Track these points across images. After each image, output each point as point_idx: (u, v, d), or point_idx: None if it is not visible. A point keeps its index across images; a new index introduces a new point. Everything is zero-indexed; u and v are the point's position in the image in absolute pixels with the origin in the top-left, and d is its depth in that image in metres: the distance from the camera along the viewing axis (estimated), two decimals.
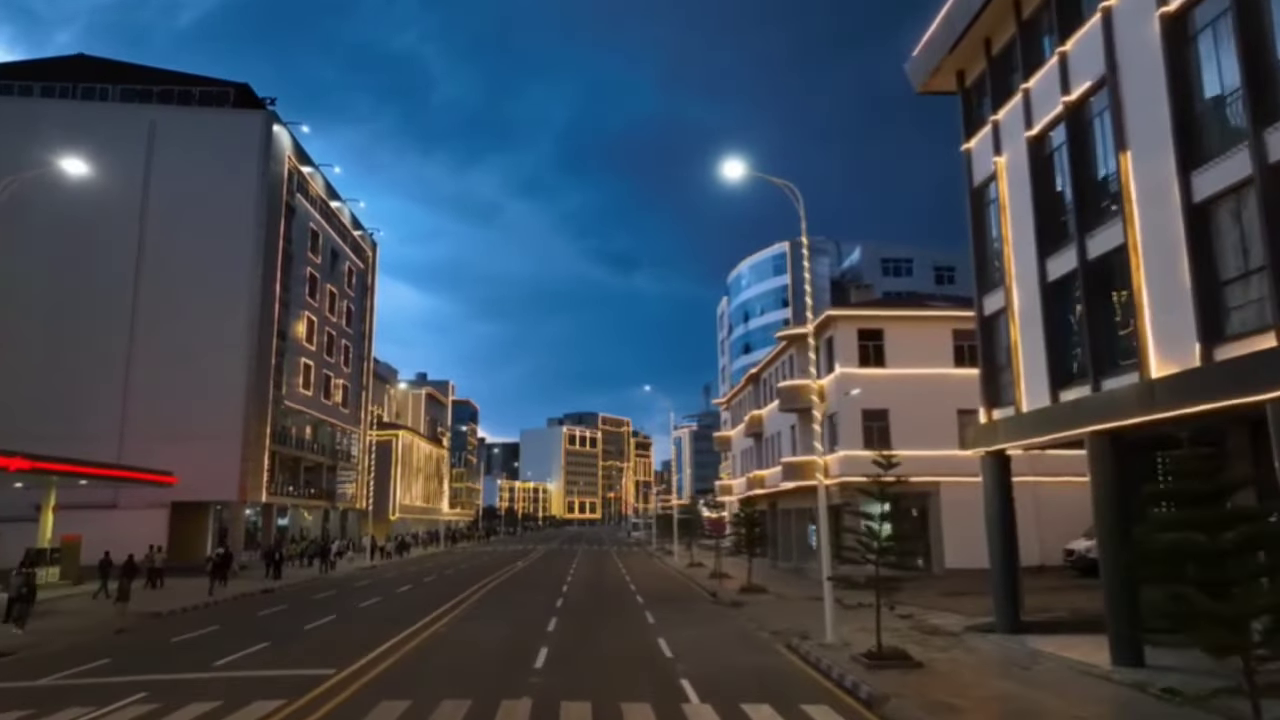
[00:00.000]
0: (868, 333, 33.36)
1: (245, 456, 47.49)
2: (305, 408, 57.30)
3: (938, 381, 32.90)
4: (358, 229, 71.48)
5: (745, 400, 51.12)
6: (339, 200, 65.64)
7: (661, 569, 47.97)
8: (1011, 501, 20.59)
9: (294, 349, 54.88)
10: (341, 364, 65.06)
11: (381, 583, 38.44)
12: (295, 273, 55.08)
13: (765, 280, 76.44)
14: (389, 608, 27.77)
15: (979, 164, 21.56)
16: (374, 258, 75.58)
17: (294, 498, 56.08)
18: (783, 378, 40.58)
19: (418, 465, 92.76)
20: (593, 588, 35.22)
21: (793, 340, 38.00)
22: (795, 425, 37.89)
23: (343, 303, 65.44)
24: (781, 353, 39.97)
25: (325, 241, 61.41)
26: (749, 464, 49.97)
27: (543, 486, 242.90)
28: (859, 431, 32.50)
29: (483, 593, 32.57)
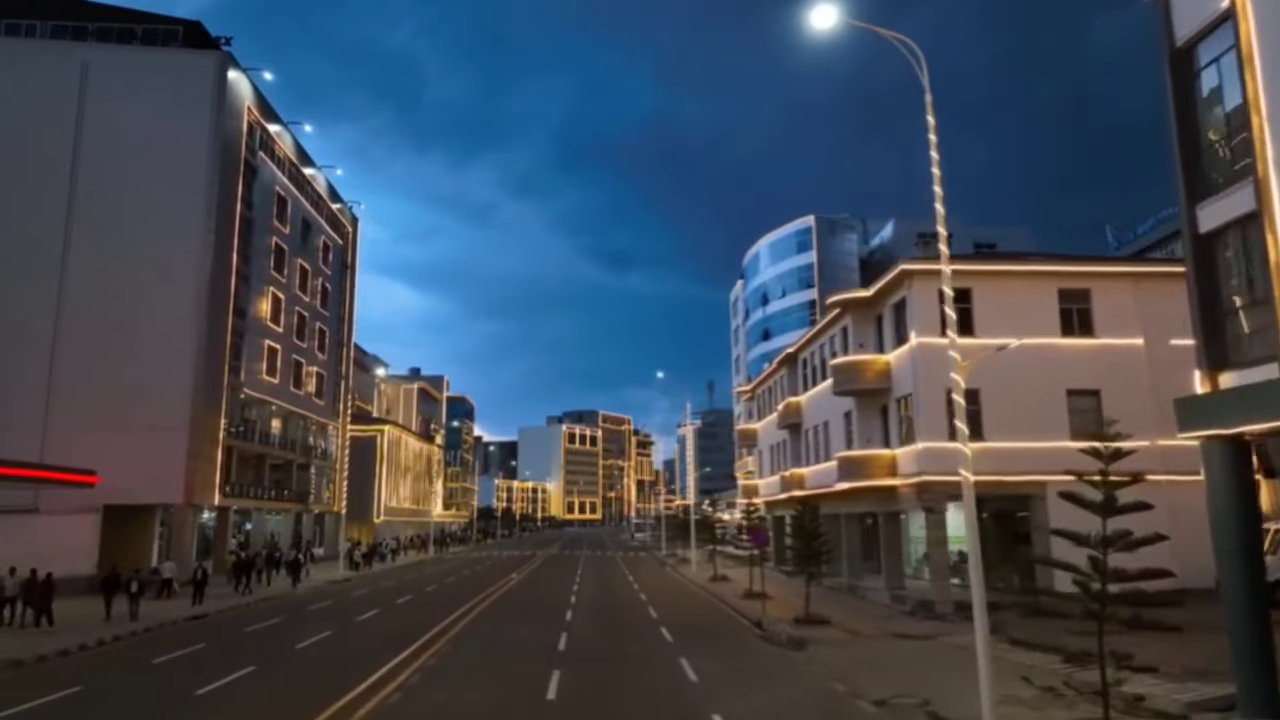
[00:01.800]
0: (953, 293, 26.38)
1: (193, 452, 40.52)
2: (270, 397, 50.32)
3: (1042, 355, 25.97)
4: (336, 202, 64.51)
5: (776, 387, 44.16)
6: (313, 167, 58.67)
7: (679, 584, 41.02)
8: (1257, 512, 13.68)
9: (256, 329, 47.89)
10: (315, 349, 58.06)
11: (344, 605, 31.48)
12: (257, 242, 48.10)
13: (786, 259, 69.44)
14: (337, 650, 20.83)
15: (1186, 9, 14.57)
16: (354, 234, 68.58)
17: (257, 500, 49.09)
18: (831, 355, 33.64)
19: (406, 463, 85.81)
20: (603, 615, 28.28)
21: (849, 307, 31.03)
22: (852, 412, 30.94)
23: (316, 281, 58.44)
24: (832, 324, 32.99)
25: (295, 210, 54.41)
26: (781, 460, 43.03)
27: (542, 486, 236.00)
28: (942, 417, 25.57)
29: (466, 621, 25.64)
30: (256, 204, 48.06)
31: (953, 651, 19.46)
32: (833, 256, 66.59)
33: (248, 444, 47.63)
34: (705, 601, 32.23)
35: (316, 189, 59.20)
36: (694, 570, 46.83)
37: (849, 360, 29.28)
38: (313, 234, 57.93)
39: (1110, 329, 26.05)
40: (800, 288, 67.33)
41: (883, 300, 29.13)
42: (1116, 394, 26.00)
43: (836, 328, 32.71)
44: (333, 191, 63.57)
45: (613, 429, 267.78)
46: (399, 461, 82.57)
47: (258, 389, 48.34)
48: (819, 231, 66.58)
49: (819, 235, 66.43)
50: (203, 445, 41.36)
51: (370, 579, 44.99)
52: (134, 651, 21.11)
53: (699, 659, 19.08)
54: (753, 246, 75.52)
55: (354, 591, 37.24)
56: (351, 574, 46.65)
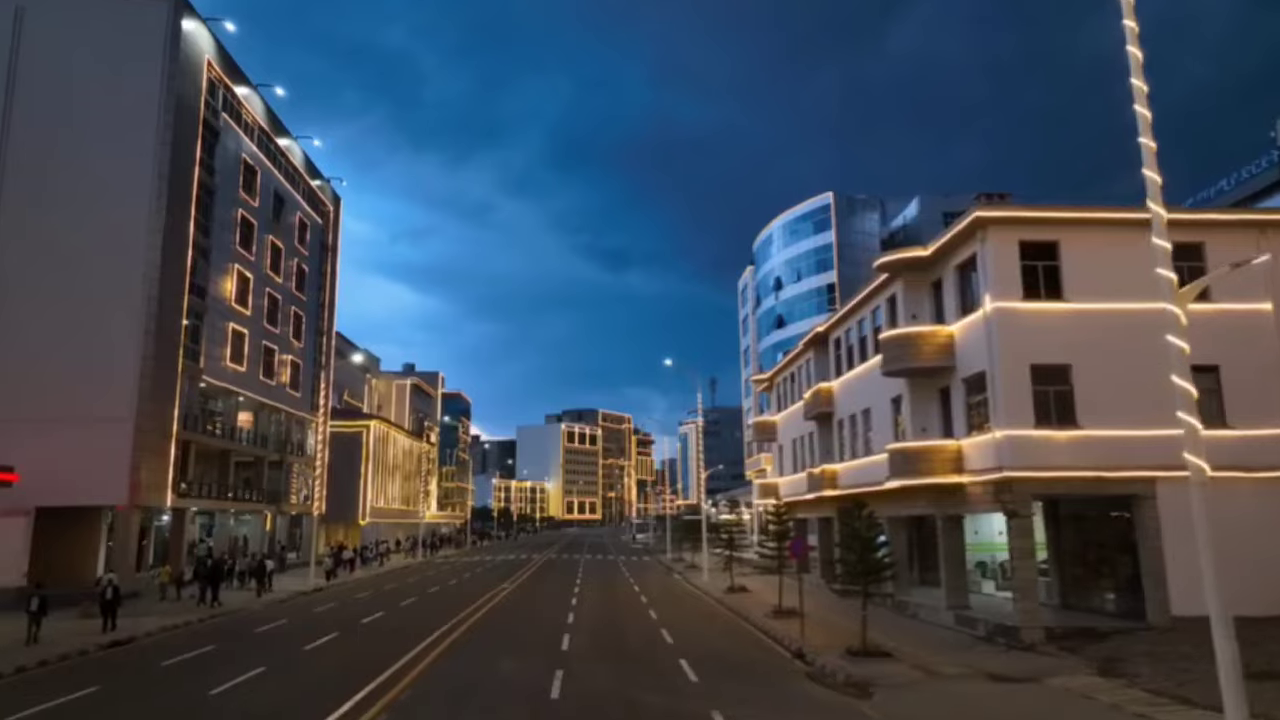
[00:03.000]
0: (1035, 247, 21.52)
1: (140, 446, 35.63)
2: (237, 387, 45.42)
3: (1146, 323, 21.11)
4: (315, 178, 59.60)
5: (800, 373, 39.25)
6: (287, 137, 53.75)
7: (693, 597, 36.16)
8: None
9: (218, 310, 42.99)
10: (290, 336, 53.15)
11: (300, 625, 26.57)
12: (220, 214, 43.19)
13: (802, 240, 64.42)
14: (264, 699, 15.96)
15: None
16: (336, 214, 63.64)
17: (220, 500, 44.18)
18: (873, 331, 28.75)
19: (395, 462, 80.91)
20: (607, 641, 23.39)
21: (899, 270, 26.11)
22: (903, 397, 26.03)
23: (291, 261, 53.52)
24: (877, 292, 28.05)
25: (266, 182, 49.50)
26: (805, 455, 38.16)
27: (540, 486, 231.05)
28: (1027, 400, 20.69)
29: (442, 649, 20.76)
30: (220, 171, 43.16)
31: (1083, 705, 14.55)
32: (852, 237, 61.68)
33: (209, 438, 42.74)
34: (727, 621, 27.34)
35: (291, 161, 54.28)
36: (706, 579, 41.97)
37: (903, 333, 24.35)
38: (287, 210, 53.02)
39: (1230, 292, 21.16)
40: (817, 271, 62.30)
41: (944, 260, 24.23)
42: (1240, 370, 21.18)
43: (882, 297, 27.79)
44: (311, 166, 58.67)
45: (613, 428, 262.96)
46: (387, 460, 77.69)
47: (221, 377, 43.43)
48: (837, 210, 61.60)
49: (837, 214, 61.45)
50: (152, 439, 36.46)
51: (343, 590, 40.09)
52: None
53: (737, 710, 14.27)
54: (764, 229, 70.46)
55: (318, 606, 32.33)
56: (323, 584, 41.68)
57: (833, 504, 34.46)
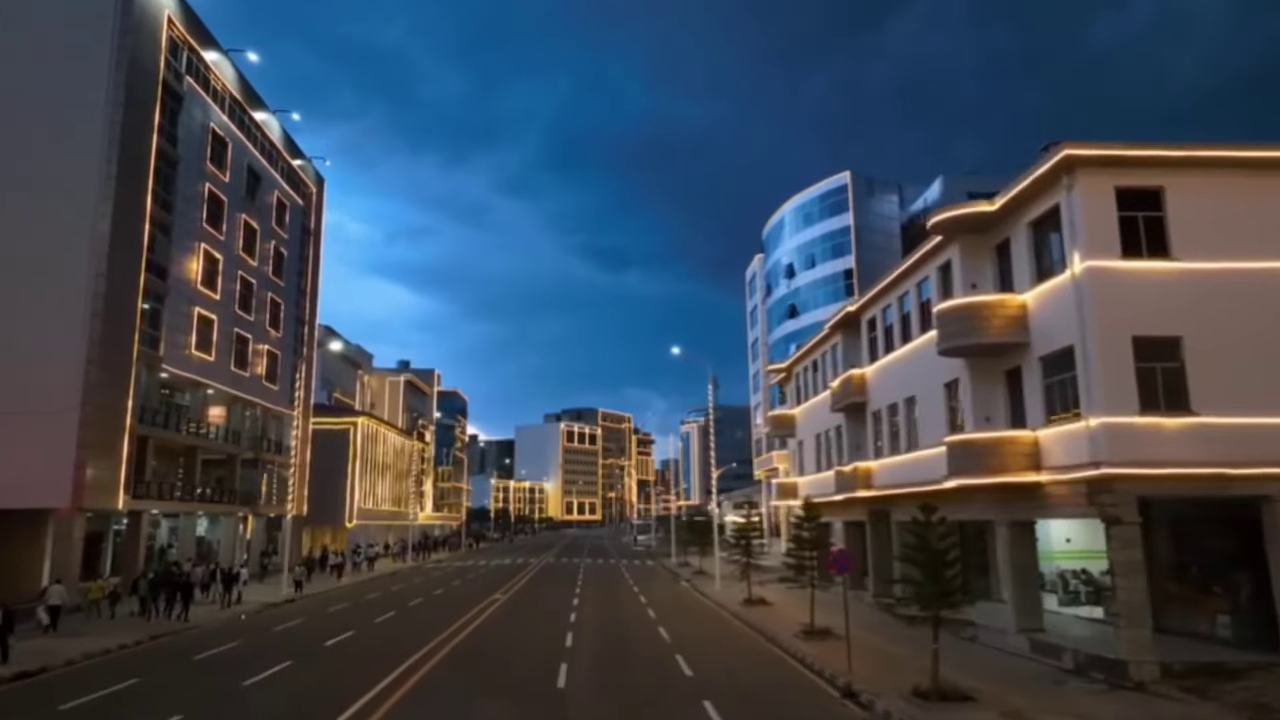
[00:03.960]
0: (1135, 195, 17.66)
1: (86, 441, 31.76)
2: (204, 378, 41.51)
3: (1274, 287, 17.25)
4: (296, 157, 55.67)
5: (825, 360, 35.35)
6: (264, 110, 49.82)
7: (708, 612, 32.25)
8: None
9: (182, 293, 39.08)
10: (266, 324, 49.21)
11: (253, 649, 22.63)
12: (185, 189, 39.29)
13: (816, 224, 60.38)
14: None
15: None
16: (319, 197, 59.72)
17: (185, 502, 40.25)
18: (919, 304, 24.88)
19: (385, 461, 76.97)
20: (614, 675, 19.51)
21: (955, 230, 22.19)
22: (961, 380, 22.11)
23: (268, 243, 49.58)
24: (927, 259, 24.09)
25: (239, 156, 45.58)
26: (832, 452, 34.29)
27: (539, 486, 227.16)
28: (1129, 380, 16.83)
29: (413, 683, 16.89)
30: (184, 141, 39.24)
31: None
32: (870, 220, 57.74)
33: (172, 434, 38.81)
34: (752, 645, 23.42)
35: (268, 136, 50.34)
36: (719, 588, 38.08)
37: (966, 304, 20.43)
38: (264, 188, 49.08)
39: None
40: (833, 256, 58.28)
41: (1013, 216, 20.33)
42: None
43: (932, 265, 23.87)
44: (291, 144, 54.74)
45: (613, 427, 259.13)
46: (376, 459, 73.76)
47: (185, 366, 39.51)
48: (855, 191, 57.59)
49: (855, 195, 57.46)
50: (102, 433, 32.56)
51: (317, 601, 36.18)
52: None
53: None
54: (774, 213, 66.41)
55: (282, 623, 28.38)
56: (295, 594, 37.71)
57: (864, 506, 30.62)
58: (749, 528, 33.65)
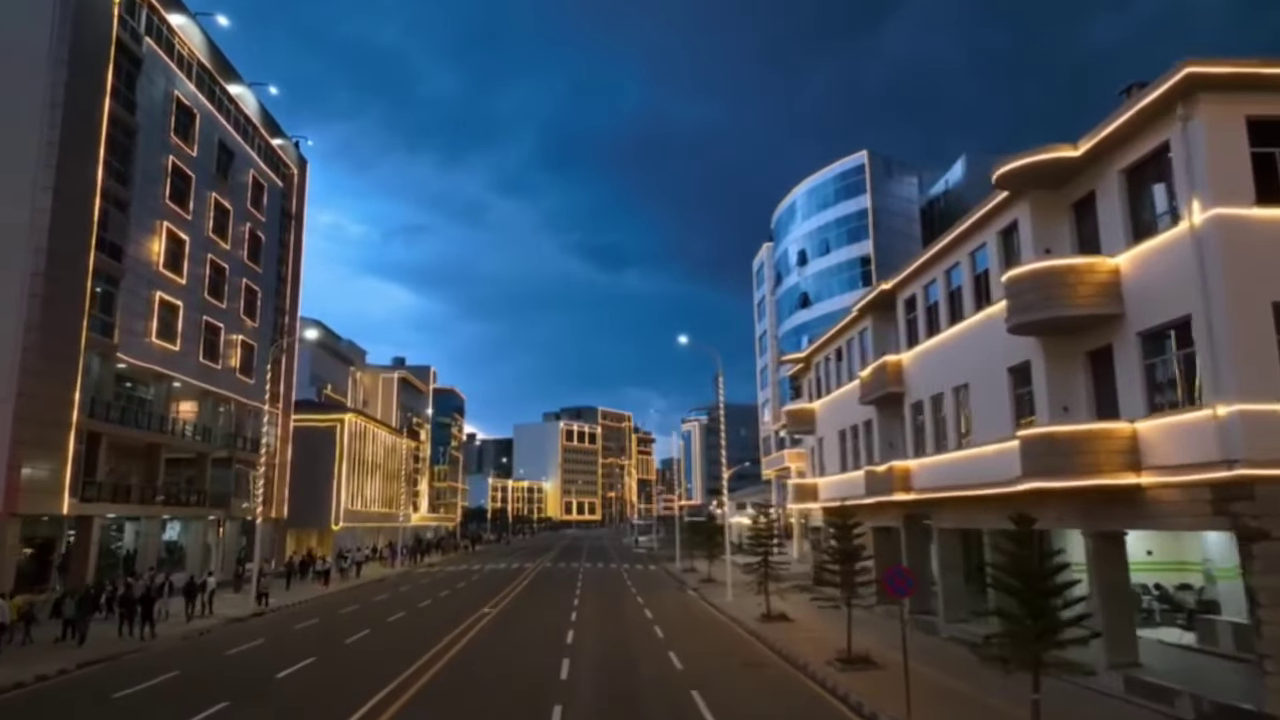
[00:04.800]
0: (1271, 127, 14.20)
1: (22, 437, 28.33)
2: (167, 369, 38.02)
3: None
4: (276, 136, 52.16)
5: (852, 348, 31.79)
6: (239, 82, 46.30)
7: (721, 628, 28.77)
8: None
9: (141, 276, 35.62)
10: (240, 313, 45.71)
11: (191, 681, 19.10)
12: (145, 162, 35.82)
13: (831, 207, 56.73)
14: None
15: None
16: (301, 178, 56.19)
17: (146, 505, 36.75)
18: (973, 276, 21.34)
19: (374, 460, 73.47)
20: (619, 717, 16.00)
21: (1027, 183, 18.61)
22: (1035, 363, 18.50)
23: (242, 226, 46.07)
24: (985, 224, 20.51)
25: (209, 130, 42.08)
26: (860, 450, 30.77)
27: (538, 486, 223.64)
28: (1272, 357, 13.36)
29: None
30: (144, 109, 35.76)
31: None
32: (888, 203, 54.22)
33: (130, 430, 35.34)
34: (781, 675, 19.88)
35: (243, 111, 46.83)
36: (730, 599, 34.60)
37: (1047, 267, 16.85)
38: (237, 166, 45.57)
39: None
40: (848, 241, 54.67)
41: (1100, 163, 16.80)
42: None
43: (991, 230, 20.32)
44: (270, 121, 51.22)
45: (612, 426, 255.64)
46: (365, 457, 70.25)
47: (145, 356, 36.03)
48: (873, 171, 53.99)
49: (873, 176, 53.89)
50: (42, 429, 29.10)
51: (284, 616, 32.64)
52: None
53: None
54: (785, 197, 62.75)
55: (237, 645, 24.83)
56: (261, 608, 34.08)
57: (898, 511, 27.11)
58: (767, 533, 30.10)
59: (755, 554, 30.81)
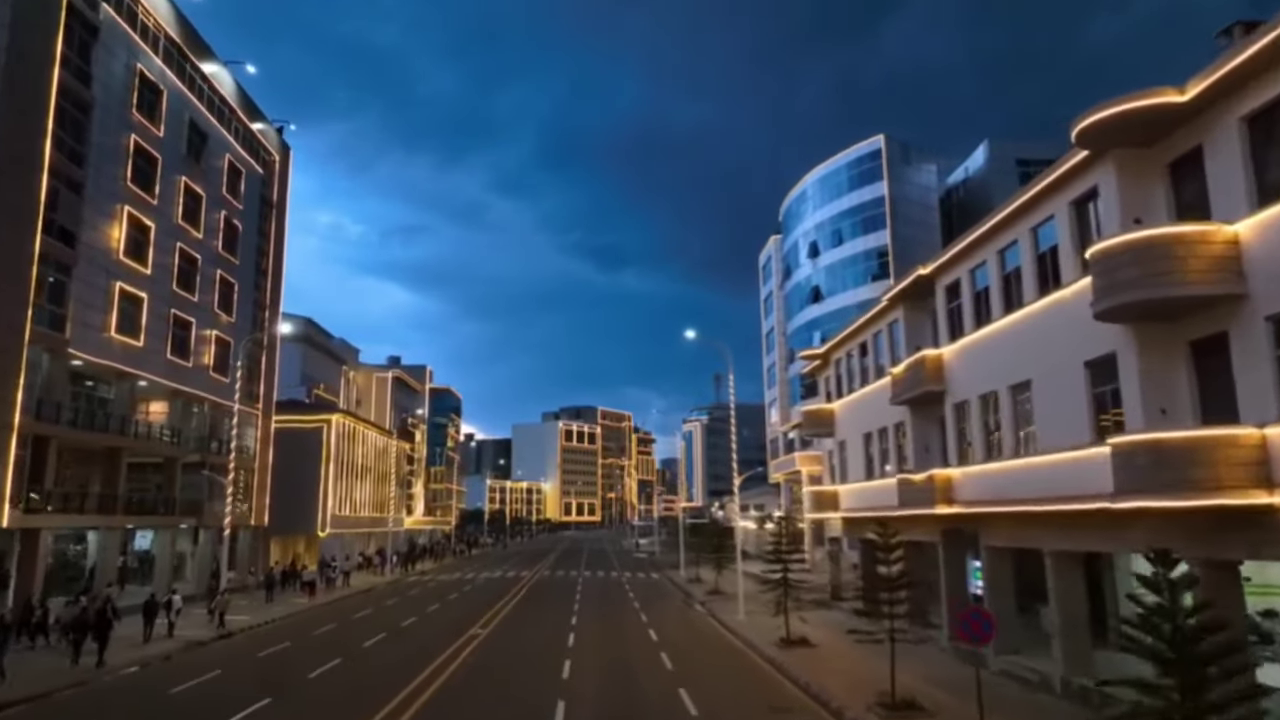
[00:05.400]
0: None
1: None
2: (132, 368, 35.00)
3: None
4: (256, 119, 49.11)
5: (879, 343, 28.74)
6: (214, 61, 43.28)
7: (736, 655, 25.80)
8: None
9: (98, 264, 32.60)
10: (214, 307, 42.66)
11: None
12: (103, 140, 32.80)
13: (845, 195, 53.60)
14: None
15: None
16: (284, 165, 53.14)
17: (104, 515, 33.68)
18: (1033, 254, 18.30)
19: (364, 463, 70.42)
20: None
21: (1112, 139, 15.54)
22: (1124, 356, 15.40)
23: (217, 214, 43.02)
24: (1056, 190, 17.40)
25: (178, 108, 39.05)
26: (890, 455, 27.74)
27: (537, 487, 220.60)
28: None
29: None
30: (101, 82, 32.72)
31: None
32: (906, 191, 51.14)
33: (85, 433, 32.31)
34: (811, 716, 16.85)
35: (218, 91, 43.77)
36: (743, 618, 31.64)
37: (1150, 236, 13.79)
38: (212, 149, 42.51)
39: None
40: (863, 231, 51.56)
41: (1216, 111, 13.76)
42: None
43: (1061, 199, 17.26)
44: (249, 103, 48.17)
45: (612, 426, 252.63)
46: (354, 460, 67.19)
47: (103, 352, 32.99)
48: (889, 157, 50.90)
49: (889, 162, 50.82)
50: None
51: (251, 639, 29.56)
52: None
53: None
54: (795, 186, 59.60)
55: (182, 683, 21.72)
56: (221, 630, 30.94)
57: (933, 524, 24.08)
58: (789, 546, 27.03)
59: (773, 569, 27.72)
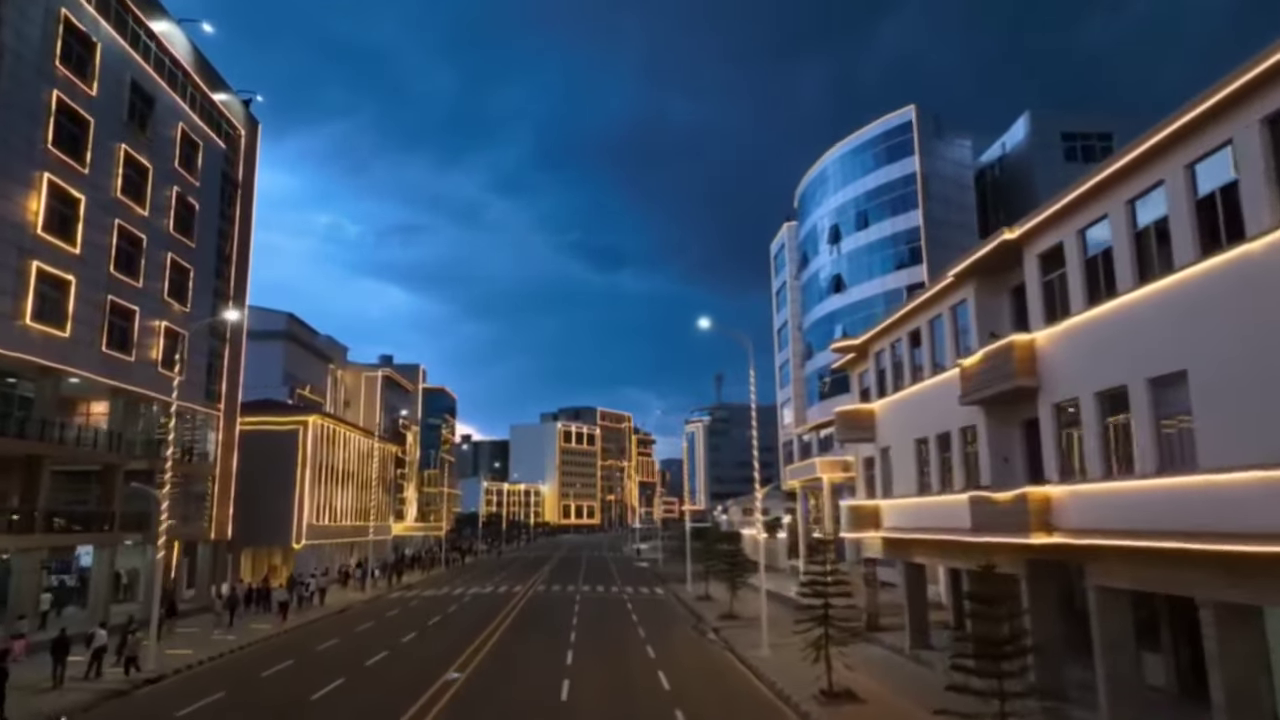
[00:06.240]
0: None
1: None
2: (55, 362, 30.12)
3: None
4: (217, 89, 44.25)
5: (940, 328, 23.80)
6: (164, 18, 38.41)
7: (772, 714, 20.97)
8: None
9: (9, 241, 27.73)
10: (164, 295, 37.79)
11: None
12: (13, 92, 27.92)
13: (871, 173, 48.60)
14: None
15: None
16: (251, 141, 48.26)
17: (19, 534, 28.77)
18: (1192, 204, 13.47)
19: (346, 467, 65.56)
20: None
21: None
22: None
23: (167, 190, 38.16)
24: (1244, 98, 12.62)
25: (117, 67, 34.21)
26: (953, 467, 22.86)
27: (535, 489, 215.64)
28: None
29: None
30: (12, 26, 27.86)
31: None
32: (939, 167, 46.25)
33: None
34: None
35: (170, 52, 38.92)
36: (767, 653, 26.90)
37: None
38: (160, 117, 37.66)
39: None
40: (891, 213, 46.62)
41: None
42: None
43: (1238, 120, 12.39)
44: (209, 70, 43.30)
45: (612, 427, 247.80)
46: (334, 465, 62.34)
47: (16, 343, 28.14)
48: (921, 130, 46.01)
49: (921, 135, 45.94)
50: None
51: (169, 694, 24.61)
52: None
53: None
54: (812, 166, 54.66)
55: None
56: (129, 676, 25.97)
57: (1018, 553, 19.19)
58: (832, 573, 22.16)
59: (812, 604, 22.79)
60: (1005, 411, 19.98)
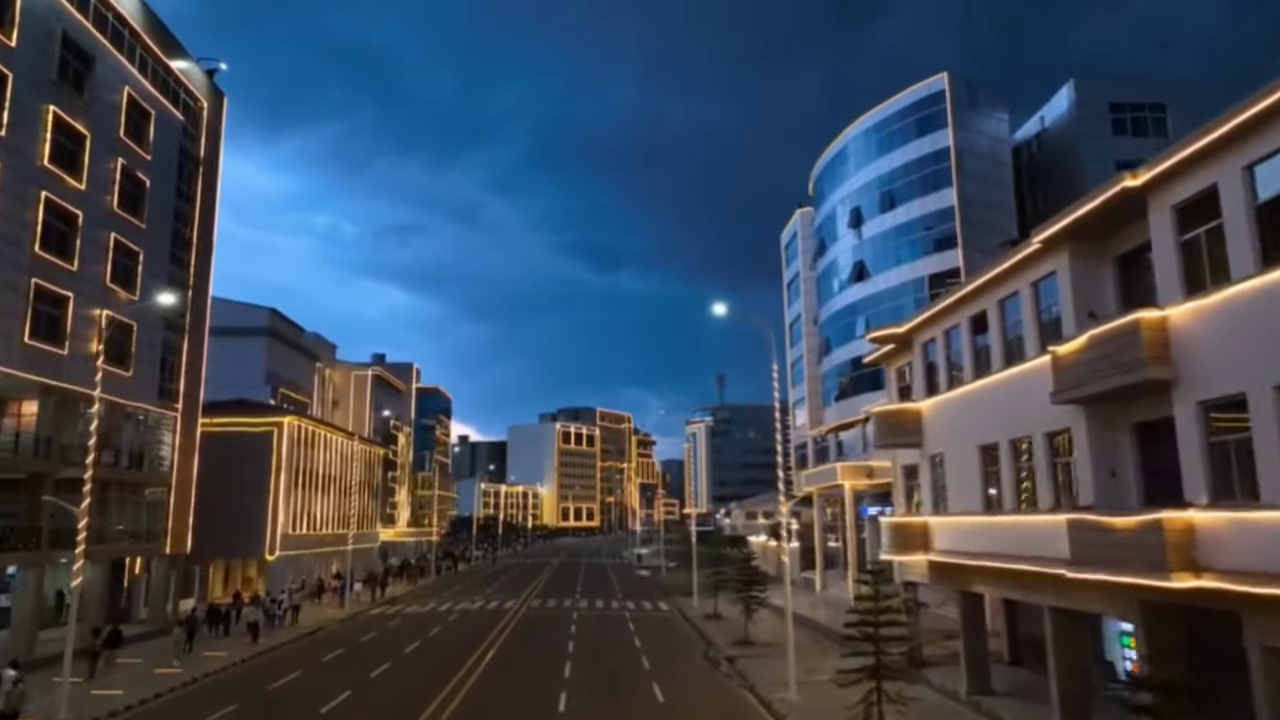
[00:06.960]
0: None
1: None
2: None
3: None
4: (175, 56, 39.98)
5: (1017, 309, 19.43)
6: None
7: None
8: None
9: None
10: (106, 280, 33.47)
11: None
12: None
13: (900, 149, 44.01)
14: None
15: None
16: (216, 115, 43.93)
17: None
18: None
19: (327, 471, 61.23)
20: None
21: None
22: None
23: (110, 162, 33.83)
24: None
25: (42, 15, 29.91)
26: (1039, 481, 18.52)
27: (533, 491, 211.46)
28: None
29: None
30: None
31: None
32: (973, 142, 41.89)
33: None
34: None
35: (113, 7, 34.64)
36: (795, 696, 22.67)
37: None
38: (102, 79, 33.34)
39: None
40: (921, 192, 42.23)
41: None
42: None
43: None
44: (164, 34, 39.02)
45: (611, 427, 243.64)
46: (313, 469, 58.02)
47: None
48: (954, 100, 41.65)
49: (954, 106, 41.59)
50: None
51: None
52: None
53: None
54: (832, 143, 50.19)
55: None
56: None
57: (1132, 594, 14.86)
58: (888, 623, 17.85)
59: (858, 642, 18.43)
60: (1112, 412, 15.67)
